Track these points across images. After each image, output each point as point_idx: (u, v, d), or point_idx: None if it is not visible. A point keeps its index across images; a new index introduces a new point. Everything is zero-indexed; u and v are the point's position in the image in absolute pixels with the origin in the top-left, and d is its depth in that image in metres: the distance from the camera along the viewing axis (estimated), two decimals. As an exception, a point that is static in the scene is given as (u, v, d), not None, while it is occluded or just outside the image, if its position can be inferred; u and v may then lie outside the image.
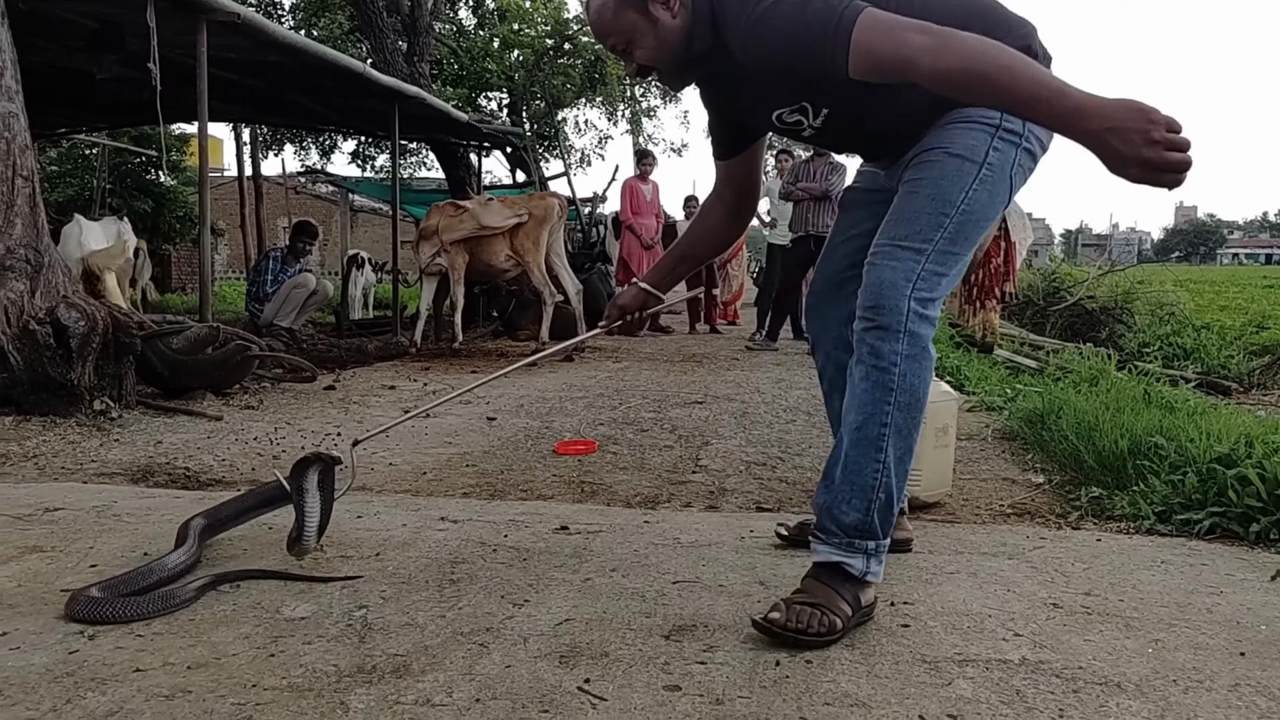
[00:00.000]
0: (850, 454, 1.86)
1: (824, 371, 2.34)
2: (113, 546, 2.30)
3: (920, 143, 1.95)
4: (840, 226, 2.26)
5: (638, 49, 1.94)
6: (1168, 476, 2.96)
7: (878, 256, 1.87)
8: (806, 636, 1.74)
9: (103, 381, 4.28)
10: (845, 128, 2.02)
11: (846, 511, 1.85)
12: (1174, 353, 8.19)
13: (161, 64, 5.50)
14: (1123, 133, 1.50)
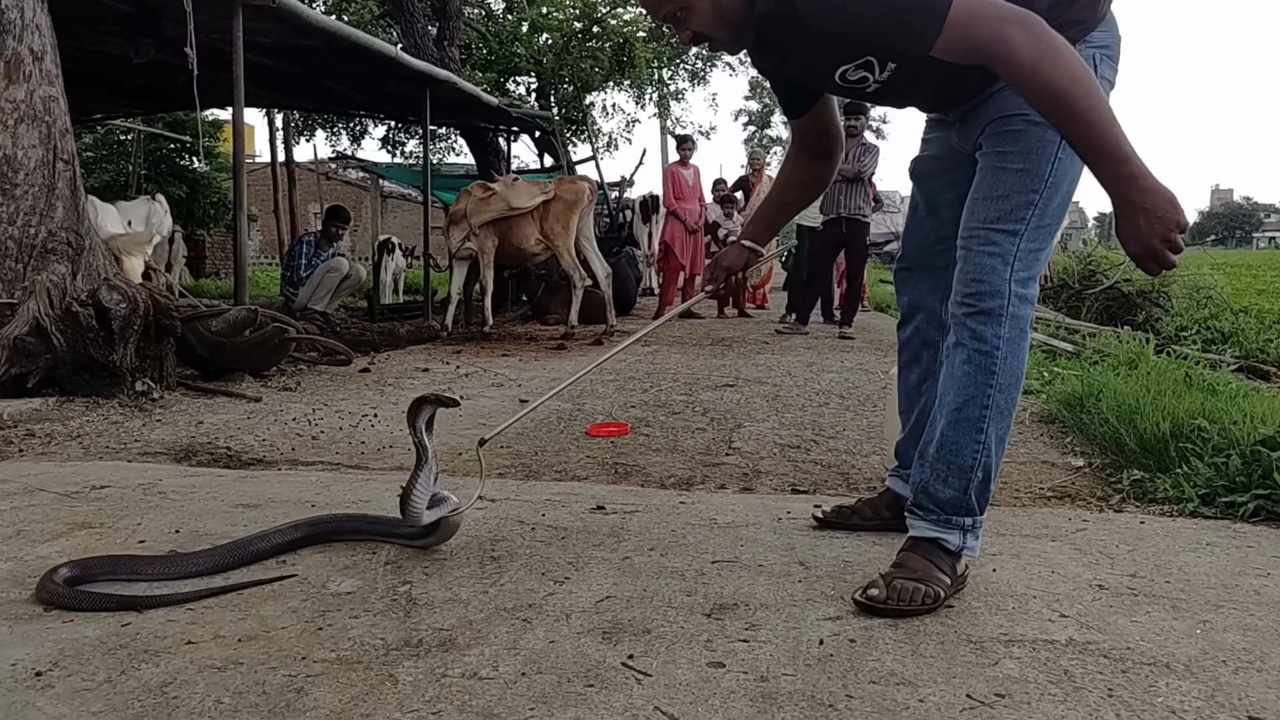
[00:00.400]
0: (949, 434, 1.89)
1: (908, 343, 2.32)
2: (159, 523, 2.33)
3: (993, 103, 1.91)
4: (919, 197, 2.25)
5: (694, 16, 1.86)
6: (1211, 459, 2.93)
7: (973, 241, 1.88)
8: (911, 609, 1.78)
9: (144, 363, 4.33)
10: (912, 79, 1.93)
11: (943, 489, 1.90)
12: (1212, 336, 8.06)
13: (197, 49, 5.54)
14: (1153, 219, 1.60)
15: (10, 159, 4.26)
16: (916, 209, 2.26)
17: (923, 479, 1.93)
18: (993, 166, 1.90)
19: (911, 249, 2.28)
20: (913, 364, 2.30)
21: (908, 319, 2.31)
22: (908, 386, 2.33)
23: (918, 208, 2.25)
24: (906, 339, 2.32)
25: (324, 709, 1.39)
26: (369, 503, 2.58)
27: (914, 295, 2.27)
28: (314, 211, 19.83)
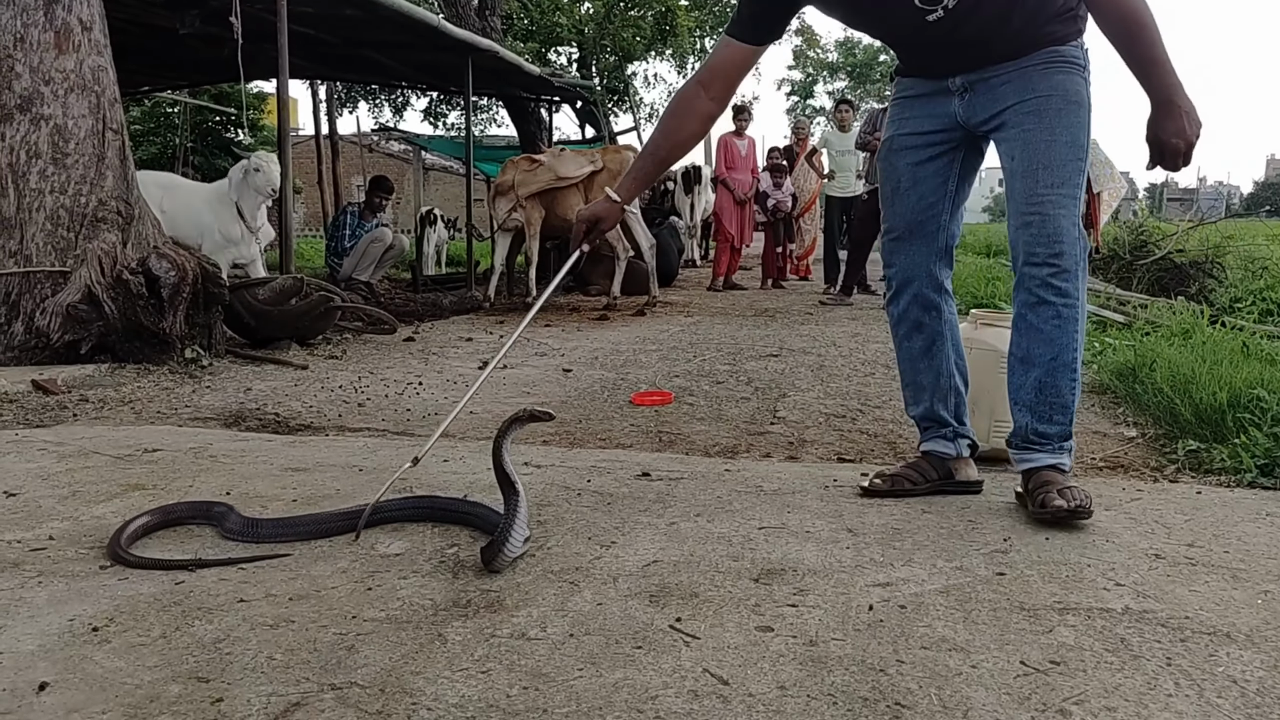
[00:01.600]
0: (1048, 380, 2.16)
1: (906, 314, 2.38)
2: (210, 485, 2.36)
3: (1021, 82, 2.12)
4: (903, 170, 2.32)
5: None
6: (1270, 429, 2.86)
7: (1046, 205, 2.08)
8: (1088, 508, 2.09)
9: (193, 330, 4.39)
10: (965, 18, 2.07)
11: (1050, 426, 2.18)
12: (1269, 308, 7.86)
13: (242, 19, 5.57)
14: (1193, 120, 1.99)
15: (61, 128, 4.32)
16: (899, 182, 2.34)
17: (1027, 422, 2.20)
18: (1044, 140, 2.10)
19: (902, 220, 2.35)
20: (915, 332, 2.39)
21: (902, 290, 2.38)
22: (914, 354, 2.41)
23: (899, 181, 2.34)
24: (904, 310, 2.39)
25: (374, 666, 1.39)
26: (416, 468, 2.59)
27: (907, 264, 2.35)
28: (357, 184, 19.94)
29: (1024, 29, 2.10)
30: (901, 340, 2.42)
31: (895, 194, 2.35)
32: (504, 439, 1.90)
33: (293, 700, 1.30)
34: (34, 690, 1.31)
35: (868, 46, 43.84)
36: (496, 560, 1.79)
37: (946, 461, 2.41)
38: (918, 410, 2.46)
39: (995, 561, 1.91)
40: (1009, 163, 2.17)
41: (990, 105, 2.17)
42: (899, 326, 2.42)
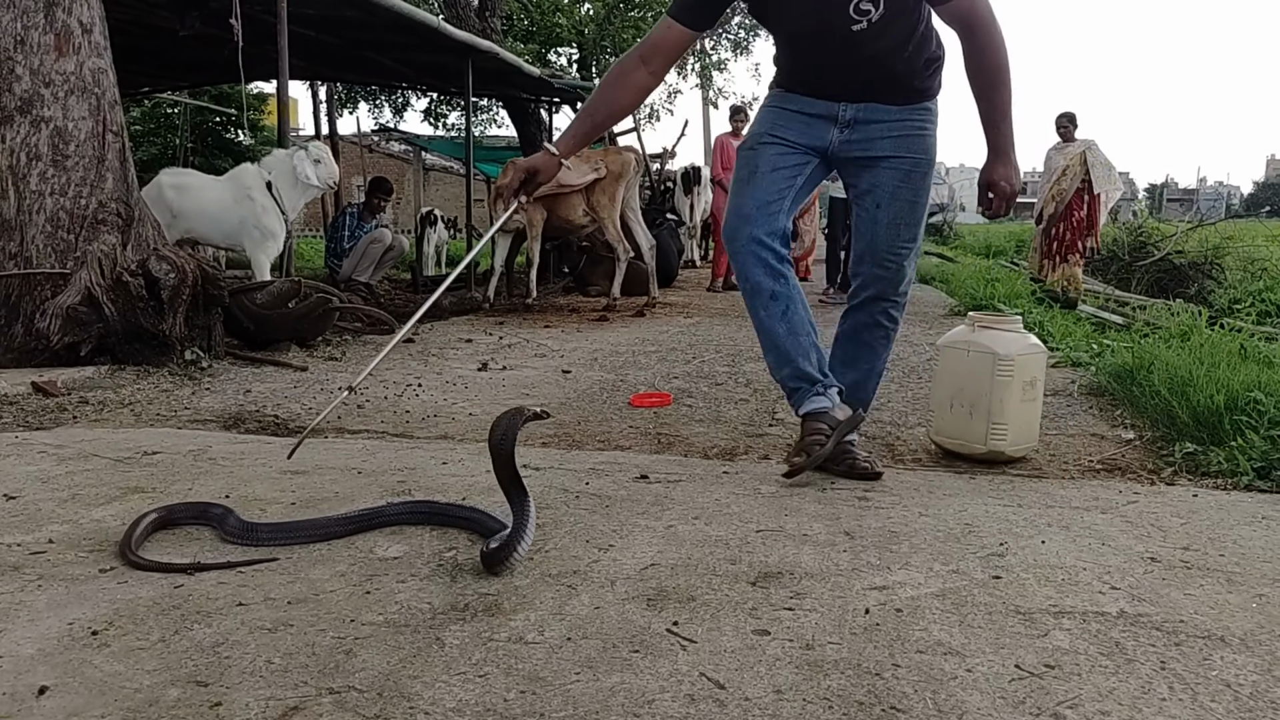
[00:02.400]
0: (861, 381, 2.74)
1: (761, 284, 2.57)
2: (210, 488, 2.37)
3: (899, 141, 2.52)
4: (763, 161, 2.55)
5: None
6: (1267, 432, 2.86)
7: (902, 255, 2.58)
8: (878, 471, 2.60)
9: (193, 332, 4.40)
10: (876, 36, 2.35)
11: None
12: (1267, 309, 7.88)
13: (242, 20, 5.58)
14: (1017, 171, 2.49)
15: (61, 131, 4.33)
16: (756, 169, 2.55)
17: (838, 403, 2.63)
18: (909, 201, 2.55)
19: (753, 202, 2.55)
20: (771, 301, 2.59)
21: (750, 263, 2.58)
22: (773, 319, 2.60)
23: (758, 168, 2.55)
24: (758, 281, 2.59)
25: (373, 670, 1.40)
26: (414, 470, 2.61)
27: (751, 240, 2.56)
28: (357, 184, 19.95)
29: (909, 71, 2.47)
30: (759, 309, 2.60)
31: (750, 179, 2.56)
32: (515, 442, 1.90)
33: (291, 704, 1.30)
34: (34, 694, 1.32)
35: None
36: (503, 565, 1.80)
37: (826, 414, 2.58)
38: (785, 371, 2.63)
39: (991, 565, 1.92)
40: (875, 210, 2.57)
41: (866, 149, 2.54)
42: (755, 299, 2.59)
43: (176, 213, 6.07)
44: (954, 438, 3.00)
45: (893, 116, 2.50)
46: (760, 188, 2.54)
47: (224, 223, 6.19)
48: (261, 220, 6.12)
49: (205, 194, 6.24)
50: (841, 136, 2.53)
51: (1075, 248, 9.03)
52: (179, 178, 6.42)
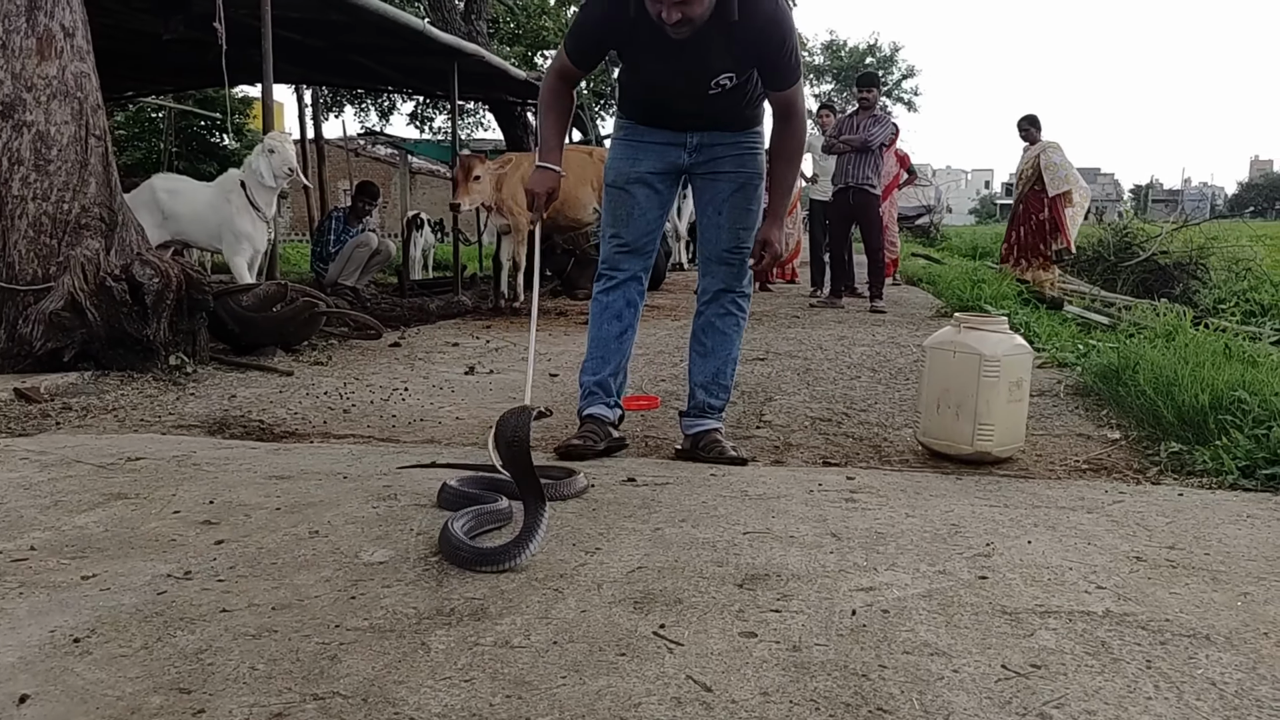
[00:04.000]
0: (721, 368, 3.03)
1: (613, 305, 2.97)
2: (194, 494, 2.35)
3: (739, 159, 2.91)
4: (639, 199, 2.94)
5: (699, 7, 2.44)
6: (1252, 431, 2.88)
7: (743, 251, 2.93)
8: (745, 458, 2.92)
9: (177, 337, 4.36)
10: (725, 95, 2.76)
11: (717, 399, 3.03)
12: (1251, 309, 7.92)
13: (226, 24, 5.55)
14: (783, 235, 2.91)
15: (43, 135, 4.29)
16: (634, 208, 2.94)
17: (702, 398, 3.02)
18: (744, 209, 2.92)
19: (634, 236, 2.96)
20: (616, 320, 2.98)
21: (619, 287, 2.98)
22: (610, 336, 2.98)
23: (635, 207, 2.94)
24: (613, 301, 2.97)
25: (357, 676, 1.39)
26: (400, 474, 2.59)
27: (628, 269, 2.98)
28: (344, 188, 19.89)
29: (744, 110, 2.88)
30: (604, 324, 2.98)
31: (631, 216, 2.95)
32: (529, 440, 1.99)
33: (275, 711, 1.29)
34: (14, 703, 1.31)
35: (853, 49, 44.04)
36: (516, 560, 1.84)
37: (606, 424, 2.97)
38: (595, 378, 3.00)
39: (977, 565, 1.92)
40: (718, 217, 2.93)
41: (711, 166, 2.92)
42: (605, 313, 2.98)
43: (168, 214, 6.16)
44: (941, 439, 3.00)
45: (730, 140, 2.89)
46: (638, 225, 2.96)
47: (209, 225, 6.27)
48: (234, 222, 6.14)
49: (193, 197, 6.33)
50: (691, 159, 2.93)
51: (1036, 250, 9.24)
52: (172, 182, 6.51)
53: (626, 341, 3.03)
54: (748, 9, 2.53)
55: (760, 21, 2.55)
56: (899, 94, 43.57)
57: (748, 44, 2.60)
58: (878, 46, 44.30)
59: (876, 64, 42.65)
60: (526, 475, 1.96)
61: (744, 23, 2.53)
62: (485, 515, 2.10)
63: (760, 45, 2.61)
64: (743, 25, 2.53)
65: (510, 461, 1.98)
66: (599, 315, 3.00)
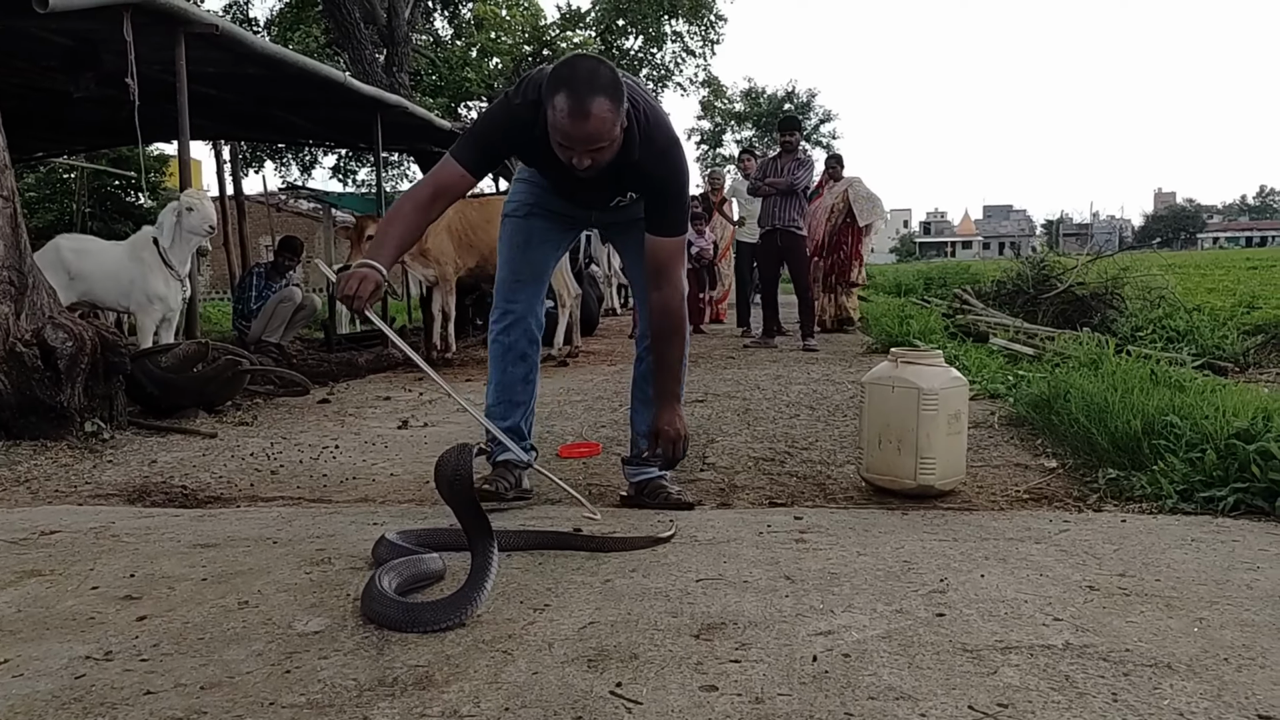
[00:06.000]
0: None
1: (517, 344, 2.86)
2: (114, 567, 2.22)
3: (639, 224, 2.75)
4: (535, 230, 2.87)
5: (607, 153, 2.41)
6: (1186, 455, 2.92)
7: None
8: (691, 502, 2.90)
9: (93, 402, 4.18)
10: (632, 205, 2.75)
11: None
12: (1168, 335, 8.15)
13: (139, 80, 5.42)
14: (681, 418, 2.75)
15: (-54, 197, 4.11)
16: (530, 238, 2.87)
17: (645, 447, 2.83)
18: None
19: (528, 268, 2.88)
20: (520, 361, 2.87)
21: (516, 324, 2.86)
22: (516, 379, 2.87)
23: (531, 237, 2.87)
24: (515, 340, 2.86)
25: (296, 758, 1.30)
26: (333, 536, 2.49)
27: (525, 303, 2.86)
28: (265, 244, 19.55)
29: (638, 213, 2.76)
30: (507, 366, 2.86)
31: (526, 246, 2.87)
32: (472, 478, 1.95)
33: (206, 803, 1.19)
34: (-89, 812, 1.18)
35: (771, 96, 44.99)
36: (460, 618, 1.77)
37: (517, 469, 2.89)
38: (507, 423, 2.87)
39: (934, 602, 1.89)
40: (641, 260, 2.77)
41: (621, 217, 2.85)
42: (508, 354, 2.86)
43: (75, 275, 5.94)
44: (884, 474, 2.99)
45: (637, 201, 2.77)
46: (532, 257, 2.88)
47: (119, 284, 6.07)
48: (147, 282, 5.96)
49: (103, 257, 6.13)
50: (598, 218, 2.93)
51: (846, 277, 10.09)
52: (78, 242, 6.32)
53: (533, 382, 2.93)
54: (648, 149, 2.53)
55: (658, 168, 2.57)
56: (818, 138, 44.50)
57: (644, 180, 2.61)
58: (795, 94, 45.28)
59: (795, 110, 43.59)
60: (472, 514, 1.90)
61: (643, 161, 2.52)
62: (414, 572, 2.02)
63: (653, 185, 2.61)
64: (639, 165, 2.53)
65: (453, 499, 1.93)
66: (502, 357, 2.88)
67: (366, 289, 2.44)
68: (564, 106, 2.30)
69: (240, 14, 18.70)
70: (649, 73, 21.80)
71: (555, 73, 2.38)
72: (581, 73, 2.34)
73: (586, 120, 2.30)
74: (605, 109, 2.31)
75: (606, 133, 2.35)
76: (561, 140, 2.37)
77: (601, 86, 2.32)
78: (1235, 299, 10.89)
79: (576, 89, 2.30)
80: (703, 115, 43.61)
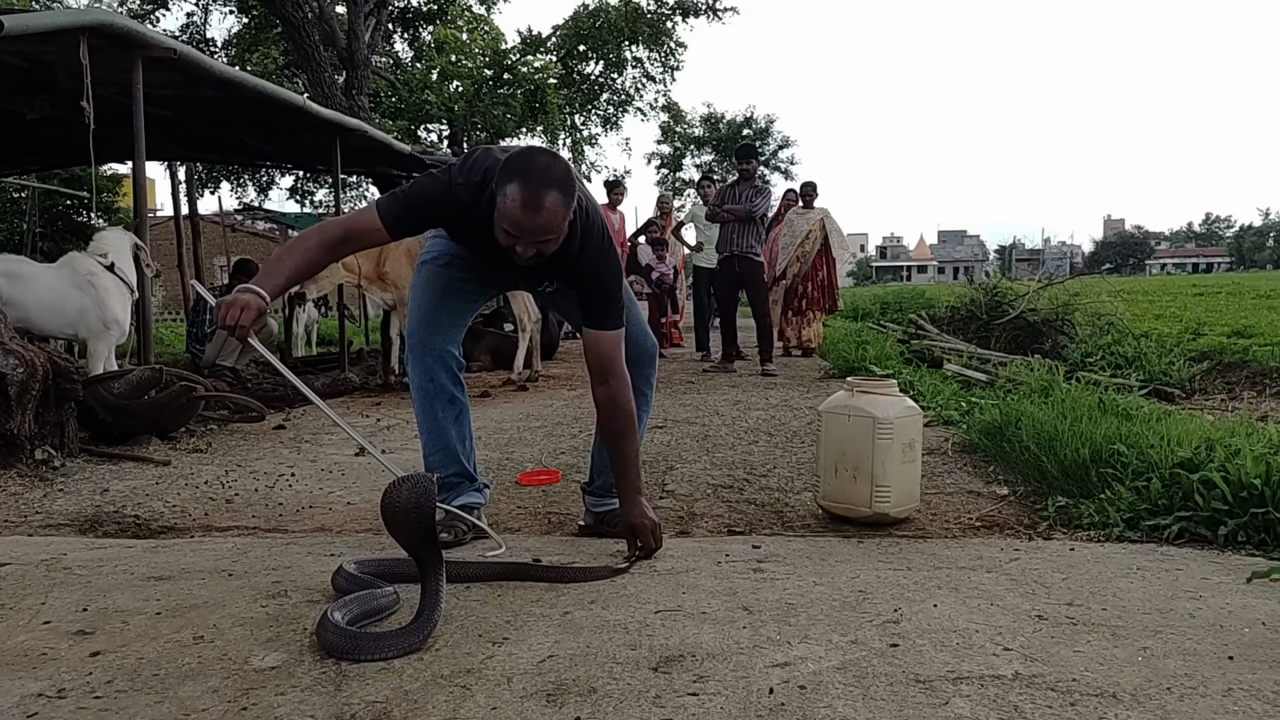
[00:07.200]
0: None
1: (444, 388, 2.77)
2: (66, 601, 2.19)
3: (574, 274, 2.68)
4: (455, 281, 2.79)
5: (552, 245, 2.40)
6: (1132, 483, 2.99)
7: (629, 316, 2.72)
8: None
9: (43, 430, 4.11)
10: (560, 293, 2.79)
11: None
12: (1117, 362, 8.33)
13: (95, 103, 5.36)
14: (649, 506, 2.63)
15: (-107, 220, 4.04)
16: (449, 284, 2.79)
17: (609, 479, 2.86)
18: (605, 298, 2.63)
19: (447, 314, 2.79)
20: (449, 404, 2.78)
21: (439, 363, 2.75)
22: (447, 422, 2.79)
23: (449, 283, 2.79)
24: (441, 385, 2.76)
25: (253, 798, 1.29)
26: (290, 568, 2.47)
27: (443, 348, 2.76)
28: (220, 265, 19.33)
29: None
30: (436, 411, 2.78)
31: (444, 293, 2.79)
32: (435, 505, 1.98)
33: (161, 846, 1.18)
34: None
35: (730, 121, 45.44)
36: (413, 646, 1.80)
37: (475, 510, 2.83)
38: (452, 470, 2.82)
39: (888, 632, 1.92)
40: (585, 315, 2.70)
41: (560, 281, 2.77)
42: (436, 399, 2.77)
43: (8, 301, 5.50)
44: (840, 502, 3.04)
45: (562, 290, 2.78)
46: (450, 304, 2.80)
47: (65, 311, 5.74)
48: (106, 308, 5.77)
49: (40, 282, 5.75)
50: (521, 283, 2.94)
51: (819, 304, 10.34)
52: (9, 264, 5.86)
53: (465, 422, 2.84)
54: (586, 245, 2.55)
55: (596, 263, 2.58)
56: (776, 163, 44.99)
57: (581, 275, 2.61)
58: (754, 119, 45.79)
59: (753, 135, 44.05)
60: (428, 544, 1.92)
61: (582, 256, 2.55)
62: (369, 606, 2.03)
63: (592, 281, 2.60)
64: (581, 258, 2.55)
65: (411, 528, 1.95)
66: (429, 403, 2.78)
67: (249, 317, 2.35)
68: (517, 197, 2.29)
69: (198, 34, 18.56)
70: (609, 97, 21.95)
71: (511, 162, 2.36)
72: (538, 165, 2.34)
73: (539, 213, 2.30)
74: (558, 203, 2.32)
75: (556, 226, 2.36)
76: (510, 229, 2.35)
77: (556, 181, 2.32)
78: (1182, 325, 11.15)
79: (531, 181, 2.29)
80: (663, 140, 43.96)
